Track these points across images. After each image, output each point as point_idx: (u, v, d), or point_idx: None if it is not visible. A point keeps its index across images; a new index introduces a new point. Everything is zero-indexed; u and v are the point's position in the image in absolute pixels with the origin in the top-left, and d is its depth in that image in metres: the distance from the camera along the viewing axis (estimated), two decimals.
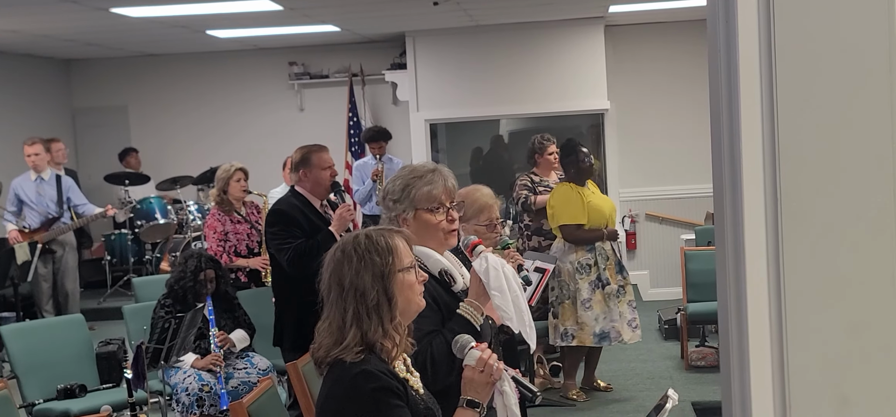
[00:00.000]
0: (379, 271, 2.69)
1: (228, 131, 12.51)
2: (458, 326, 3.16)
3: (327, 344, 2.69)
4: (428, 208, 3.29)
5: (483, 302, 3.26)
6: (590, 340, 7.09)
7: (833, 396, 2.07)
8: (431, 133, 11.74)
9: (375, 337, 2.67)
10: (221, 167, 7.60)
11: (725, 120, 2.16)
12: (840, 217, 2.05)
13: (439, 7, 9.16)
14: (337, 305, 2.69)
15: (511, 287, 3.26)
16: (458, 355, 2.88)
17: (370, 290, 2.67)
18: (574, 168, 7.26)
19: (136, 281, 8.31)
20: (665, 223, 11.67)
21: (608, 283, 7.07)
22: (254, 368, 6.42)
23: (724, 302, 2.25)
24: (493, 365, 2.82)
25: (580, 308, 7.07)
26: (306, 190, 5.88)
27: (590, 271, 7.07)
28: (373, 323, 2.66)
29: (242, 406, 3.84)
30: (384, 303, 2.68)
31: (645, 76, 11.59)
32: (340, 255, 2.72)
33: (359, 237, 2.75)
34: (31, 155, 9.64)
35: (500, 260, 3.29)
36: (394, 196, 3.32)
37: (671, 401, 3.15)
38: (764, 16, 2.04)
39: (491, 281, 3.23)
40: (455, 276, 3.29)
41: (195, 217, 10.71)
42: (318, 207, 5.88)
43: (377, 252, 2.70)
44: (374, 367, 2.65)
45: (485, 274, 3.23)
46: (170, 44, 11.73)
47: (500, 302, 3.24)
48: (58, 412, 6.13)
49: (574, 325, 7.08)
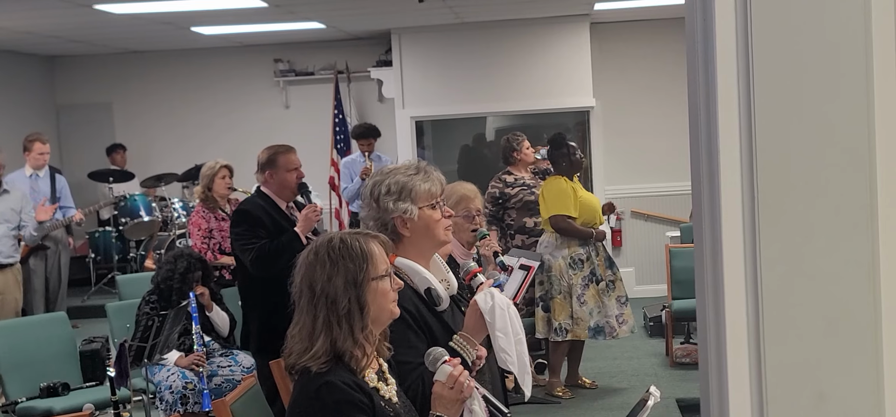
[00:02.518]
0: (352, 277, 2.60)
1: (213, 129, 12.48)
2: None
3: (297, 350, 2.62)
4: (429, 205, 3.20)
5: (478, 337, 3.12)
6: (585, 334, 7.13)
7: (810, 392, 2.07)
8: (417, 130, 11.74)
9: (345, 345, 2.59)
10: (206, 164, 7.59)
11: (703, 118, 2.16)
12: (817, 214, 2.06)
13: (425, 4, 9.16)
14: (308, 310, 2.61)
15: (515, 329, 3.15)
16: (430, 368, 2.81)
17: (342, 297, 2.59)
18: (566, 161, 7.28)
19: (120, 279, 8.29)
20: (650, 220, 11.70)
21: (602, 279, 7.11)
22: (238, 366, 6.41)
23: (702, 299, 2.25)
24: (464, 383, 2.76)
25: (575, 303, 7.09)
26: (272, 191, 5.76)
27: (583, 266, 7.10)
28: (343, 332, 2.58)
29: (225, 405, 3.82)
30: (356, 311, 2.60)
31: (631, 73, 11.61)
32: (313, 258, 2.64)
33: (333, 240, 2.67)
34: (44, 153, 9.63)
35: (507, 301, 3.17)
36: (393, 196, 3.17)
37: (653, 398, 3.17)
38: (741, 13, 2.05)
39: (496, 322, 3.09)
40: (441, 295, 3.16)
41: (180, 214, 10.69)
42: (284, 208, 5.78)
43: (351, 257, 2.62)
44: (339, 378, 2.58)
45: (490, 313, 3.10)
46: (154, 41, 11.69)
47: (504, 344, 3.11)
48: (41, 410, 6.11)
49: (568, 320, 7.11)
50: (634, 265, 11.74)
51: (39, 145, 9.62)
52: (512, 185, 7.85)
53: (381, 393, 2.71)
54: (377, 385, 2.71)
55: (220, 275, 7.26)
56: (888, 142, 2.05)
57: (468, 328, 3.12)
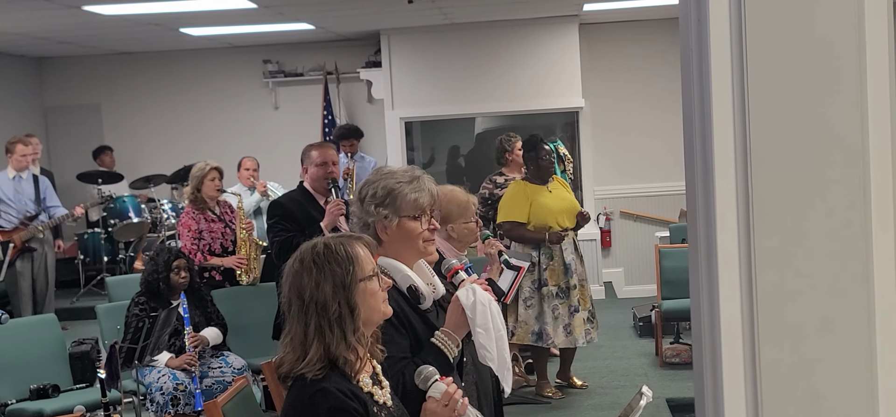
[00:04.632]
0: (340, 281, 2.60)
1: (202, 130, 12.46)
2: (432, 357, 3.00)
3: (290, 360, 2.62)
4: (412, 216, 3.16)
5: (460, 333, 3.09)
6: (528, 339, 7.11)
7: (804, 391, 2.08)
8: (406, 131, 11.73)
9: (339, 351, 2.59)
10: (196, 165, 7.58)
11: (697, 118, 2.17)
12: (811, 214, 2.07)
13: (414, 5, 9.16)
14: (298, 319, 2.61)
15: (496, 325, 3.12)
16: (422, 386, 2.81)
17: (331, 302, 2.59)
18: (534, 164, 7.28)
19: (109, 281, 8.26)
20: (640, 220, 11.72)
21: (546, 284, 7.08)
22: (229, 367, 6.40)
23: (697, 299, 2.26)
24: (458, 400, 2.77)
25: (520, 305, 7.09)
26: (310, 186, 6.07)
27: (533, 271, 7.08)
28: (335, 336, 2.58)
29: (217, 406, 3.82)
30: (347, 315, 2.60)
31: (620, 74, 11.64)
32: (299, 266, 2.64)
33: (317, 246, 2.67)
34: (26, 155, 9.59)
35: (488, 297, 3.14)
36: (377, 200, 3.16)
37: (645, 398, 3.17)
38: (735, 14, 2.06)
39: (477, 318, 3.07)
40: (424, 293, 3.14)
41: (169, 215, 10.66)
42: (322, 204, 6.00)
43: (337, 261, 2.62)
44: (334, 385, 2.58)
45: (472, 308, 3.07)
46: (143, 42, 11.66)
47: (484, 340, 3.08)
48: (31, 412, 6.09)
49: (515, 323, 7.12)
50: (623, 265, 11.76)
51: (21, 147, 9.56)
52: (502, 187, 7.85)
53: (376, 398, 2.70)
54: (371, 390, 2.70)
55: (209, 276, 7.24)
56: (882, 142, 2.06)
57: (450, 324, 3.10)
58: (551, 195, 7.24)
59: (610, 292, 11.49)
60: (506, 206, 7.26)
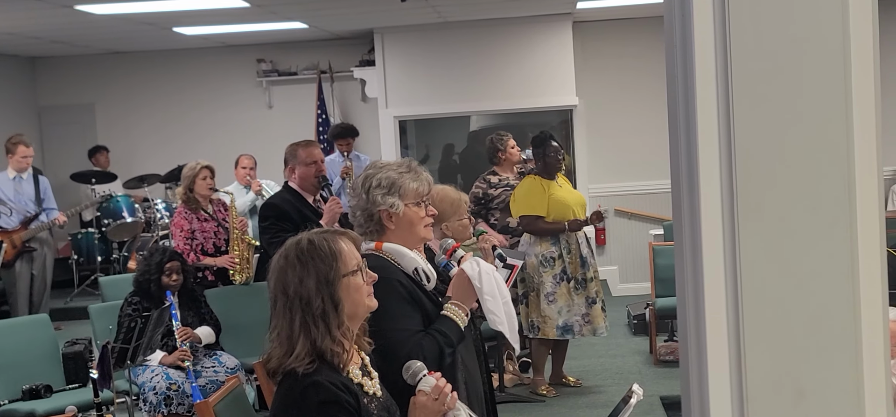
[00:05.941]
0: (324, 277, 2.63)
1: (196, 129, 12.45)
2: (445, 326, 3.22)
3: (278, 355, 2.64)
4: (415, 203, 3.36)
5: (467, 303, 3.30)
6: (553, 333, 7.12)
7: (789, 389, 2.08)
8: (400, 130, 11.73)
9: (325, 344, 2.62)
10: (187, 165, 7.57)
11: (682, 116, 2.17)
12: (796, 211, 2.07)
13: (407, 4, 9.15)
14: (284, 314, 2.64)
15: (502, 292, 3.34)
16: (410, 381, 2.83)
17: (315, 298, 2.61)
18: (542, 161, 7.31)
19: (102, 281, 8.25)
20: (634, 218, 11.72)
21: (573, 277, 7.11)
22: (222, 367, 6.40)
23: (683, 296, 2.26)
24: (448, 393, 2.80)
25: (543, 301, 7.10)
26: (297, 185, 6.05)
27: (554, 264, 7.10)
28: (321, 331, 2.61)
29: (208, 405, 3.81)
30: (331, 310, 2.62)
31: (613, 72, 11.64)
32: (284, 262, 2.67)
33: (301, 242, 2.69)
34: (28, 156, 9.59)
35: (491, 266, 3.36)
36: (383, 190, 3.33)
37: (636, 396, 3.17)
38: (719, 12, 2.06)
39: (484, 286, 3.28)
40: (429, 274, 3.31)
41: (163, 215, 10.66)
42: (310, 202, 5.99)
43: (321, 257, 2.65)
44: (325, 378, 2.60)
45: (477, 277, 3.28)
46: (136, 41, 11.65)
47: (492, 306, 3.29)
48: (23, 412, 6.08)
49: (538, 318, 7.12)
50: (618, 263, 11.76)
51: (23, 148, 9.57)
52: (495, 186, 7.85)
53: (366, 389, 2.73)
54: (361, 381, 2.73)
55: (202, 276, 7.24)
56: (866, 139, 2.06)
57: (458, 295, 3.29)
58: (562, 190, 7.30)
59: (604, 290, 11.43)
60: (522, 201, 7.24)
